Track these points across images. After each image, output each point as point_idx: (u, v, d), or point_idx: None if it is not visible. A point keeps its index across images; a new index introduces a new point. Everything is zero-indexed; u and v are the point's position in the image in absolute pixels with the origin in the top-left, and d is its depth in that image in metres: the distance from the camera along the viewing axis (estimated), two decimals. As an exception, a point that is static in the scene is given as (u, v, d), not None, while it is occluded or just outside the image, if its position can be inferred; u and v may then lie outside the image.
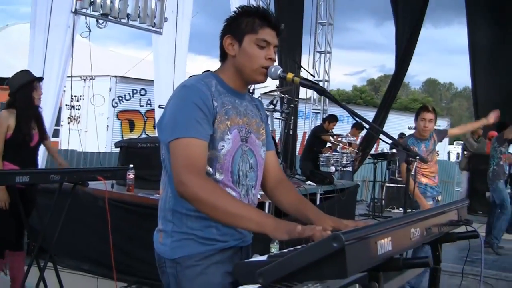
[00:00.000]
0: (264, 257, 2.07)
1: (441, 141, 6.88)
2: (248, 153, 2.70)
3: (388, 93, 16.01)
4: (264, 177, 2.88)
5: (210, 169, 2.54)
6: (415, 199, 6.30)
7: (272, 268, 1.75)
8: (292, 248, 2.18)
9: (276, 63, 2.70)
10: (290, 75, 2.63)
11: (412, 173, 2.88)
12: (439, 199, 6.85)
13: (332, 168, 11.75)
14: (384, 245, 1.82)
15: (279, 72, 2.62)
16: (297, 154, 14.43)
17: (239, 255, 2.70)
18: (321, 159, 11.99)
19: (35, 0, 7.86)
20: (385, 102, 16.00)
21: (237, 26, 2.65)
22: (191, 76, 2.93)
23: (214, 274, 2.55)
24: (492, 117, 6.99)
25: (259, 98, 3.15)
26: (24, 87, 5.83)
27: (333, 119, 12.58)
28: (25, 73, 6.09)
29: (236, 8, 2.72)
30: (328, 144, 12.45)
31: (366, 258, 1.72)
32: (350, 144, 12.49)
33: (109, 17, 8.81)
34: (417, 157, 3.27)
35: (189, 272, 2.53)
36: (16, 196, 5.18)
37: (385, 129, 6.52)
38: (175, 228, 2.58)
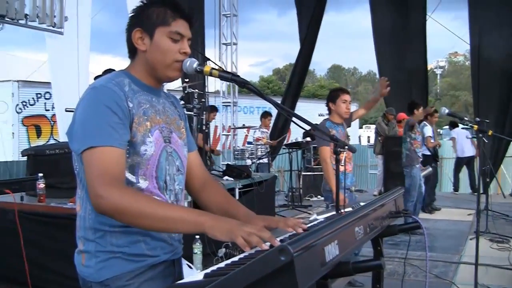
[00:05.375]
0: (200, 276, 1.85)
1: (349, 125, 6.81)
2: (174, 155, 2.48)
3: (293, 81, 16.14)
4: (189, 179, 2.68)
5: (133, 177, 2.31)
6: (328, 187, 6.24)
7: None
8: (229, 262, 1.98)
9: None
10: (207, 68, 2.44)
11: (342, 164, 2.71)
12: (353, 189, 6.79)
13: (248, 161, 11.66)
14: (332, 250, 1.68)
15: (195, 65, 2.41)
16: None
17: (171, 269, 2.49)
18: (236, 152, 11.87)
19: None
20: (291, 90, 16.12)
21: (147, 18, 2.39)
22: (96, 77, 2.68)
23: None
24: (382, 88, 6.88)
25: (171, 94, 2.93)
26: None
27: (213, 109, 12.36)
28: None
29: None
30: None
31: (316, 267, 1.57)
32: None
33: (6, 19, 8.38)
34: (346, 147, 3.07)
35: None
36: None
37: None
38: (99, 248, 2.31)
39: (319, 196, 14.23)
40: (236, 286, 1.48)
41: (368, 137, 35.51)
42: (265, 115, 13.89)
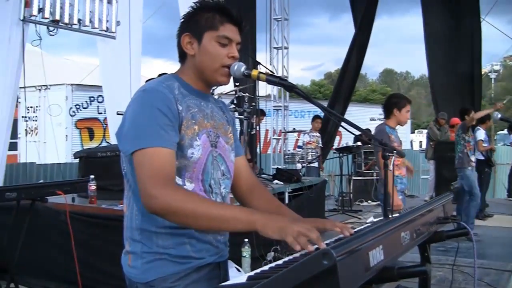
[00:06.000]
0: (244, 278, 1.85)
1: None
2: (219, 159, 2.49)
3: (343, 85, 16.16)
4: (236, 183, 2.69)
5: (179, 179, 2.31)
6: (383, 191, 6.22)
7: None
8: (273, 265, 1.97)
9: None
10: (255, 72, 2.43)
11: (390, 168, 2.69)
12: (406, 192, 6.81)
13: (298, 165, 11.63)
14: (376, 255, 1.65)
15: (242, 69, 2.41)
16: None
17: (216, 271, 2.50)
18: (286, 156, 11.83)
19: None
20: (342, 94, 16.10)
21: (195, 23, 2.42)
22: (148, 80, 2.72)
23: None
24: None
25: (220, 99, 2.94)
26: None
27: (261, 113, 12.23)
28: None
29: (193, 3, 2.49)
30: None
31: (360, 272, 1.54)
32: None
33: (60, 24, 8.55)
34: (395, 152, 3.06)
35: None
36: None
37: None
38: (145, 249, 2.33)
39: (369, 201, 14.18)
40: (278, 289, 1.47)
41: (420, 142, 35.21)
42: (315, 118, 13.86)
